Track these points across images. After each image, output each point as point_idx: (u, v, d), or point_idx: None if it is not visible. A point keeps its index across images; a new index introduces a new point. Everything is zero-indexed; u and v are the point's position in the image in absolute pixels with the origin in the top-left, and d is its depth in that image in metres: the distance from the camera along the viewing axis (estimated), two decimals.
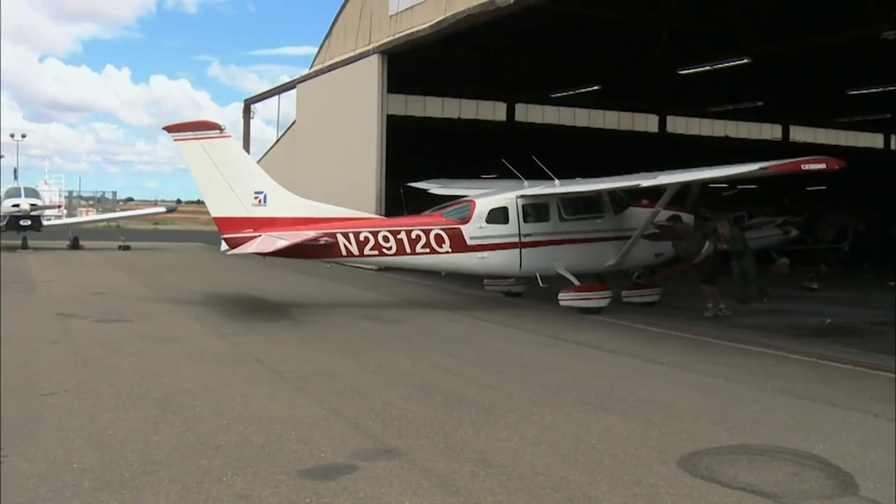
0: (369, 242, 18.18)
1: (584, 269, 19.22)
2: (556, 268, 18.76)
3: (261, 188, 18.64)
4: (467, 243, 18.42)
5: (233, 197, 18.46)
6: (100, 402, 9.75)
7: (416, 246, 18.27)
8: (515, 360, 12.93)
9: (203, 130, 18.47)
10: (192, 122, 18.88)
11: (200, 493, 6.78)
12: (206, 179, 18.66)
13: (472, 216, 18.58)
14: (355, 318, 16.63)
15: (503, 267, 19.00)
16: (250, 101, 44.33)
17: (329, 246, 18.07)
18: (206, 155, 18.38)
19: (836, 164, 14.40)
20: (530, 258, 18.66)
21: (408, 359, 12.80)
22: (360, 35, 31.23)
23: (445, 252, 18.34)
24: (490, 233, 18.53)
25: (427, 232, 18.33)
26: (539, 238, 18.75)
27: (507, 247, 18.60)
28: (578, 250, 18.93)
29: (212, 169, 18.45)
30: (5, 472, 7.20)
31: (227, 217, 18.57)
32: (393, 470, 7.39)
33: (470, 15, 23.74)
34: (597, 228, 19.17)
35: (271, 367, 11.96)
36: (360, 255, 18.35)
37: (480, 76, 40.60)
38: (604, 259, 19.01)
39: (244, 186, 18.52)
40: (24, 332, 14.53)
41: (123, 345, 13.56)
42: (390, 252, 18.29)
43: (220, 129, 18.55)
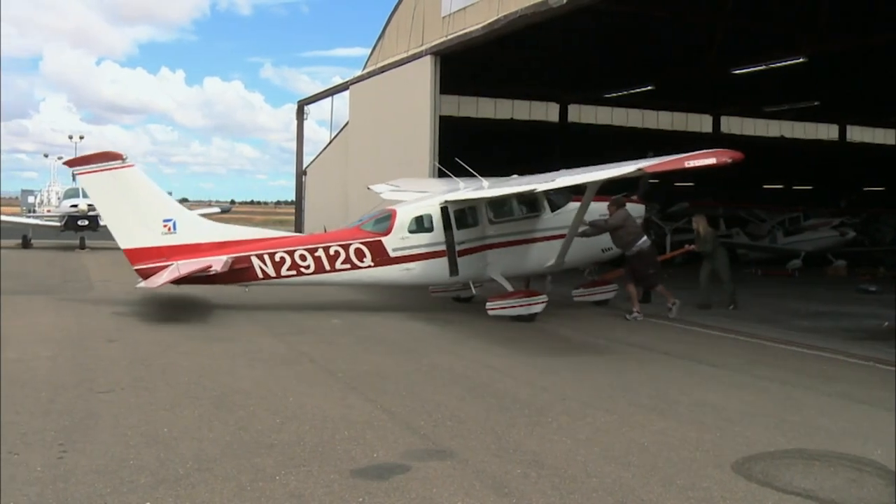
0: (286, 263, 17.56)
1: (523, 273, 18.56)
2: (491, 273, 17.90)
3: (169, 216, 18.10)
4: (390, 255, 17.63)
5: (141, 227, 17.85)
6: (155, 399, 9.89)
7: (335, 262, 17.56)
8: (568, 362, 12.88)
9: (105, 162, 17.69)
10: (93, 155, 18.20)
11: (254, 490, 6.85)
12: (113, 211, 18.09)
13: (392, 227, 17.74)
14: (407, 320, 16.65)
15: (432, 277, 18.04)
16: (304, 103, 44.49)
17: (244, 270, 17.50)
18: (110, 187, 17.78)
19: (729, 157, 13.42)
20: (461, 266, 17.74)
21: (460, 359, 12.82)
22: (412, 36, 31.27)
23: (367, 266, 17.59)
24: (414, 242, 17.71)
25: (346, 247, 17.60)
26: (468, 245, 17.79)
27: (433, 256, 17.72)
28: (513, 253, 18.04)
29: (118, 200, 17.87)
30: (66, 467, 7.33)
31: (137, 248, 17.89)
32: (445, 470, 7.40)
33: (523, 16, 23.65)
34: (532, 229, 18.17)
35: (324, 366, 12.05)
36: (278, 276, 17.62)
37: (533, 76, 40.45)
38: (543, 260, 17.96)
39: (152, 215, 17.91)
40: (82, 331, 14.78)
41: (178, 343, 13.72)
42: (309, 271, 17.56)
43: (122, 158, 17.90)
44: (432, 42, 29.02)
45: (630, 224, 17.46)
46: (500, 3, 25.08)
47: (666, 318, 17.41)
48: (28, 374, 11.25)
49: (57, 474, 7.16)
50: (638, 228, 17.64)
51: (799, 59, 30.19)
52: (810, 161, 54.04)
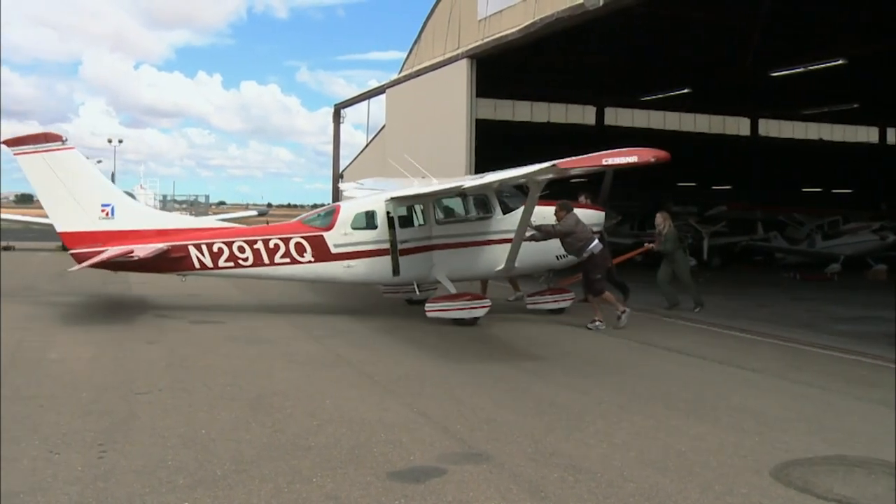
0: (223, 254, 17.38)
1: (471, 276, 18.13)
2: (436, 275, 17.44)
3: (108, 200, 17.97)
4: (331, 251, 17.37)
5: (78, 210, 17.79)
6: (194, 401, 9.97)
7: (274, 256, 17.36)
8: (606, 366, 12.84)
9: (44, 143, 17.71)
10: (33, 135, 18.06)
11: (291, 492, 6.88)
12: (50, 193, 17.99)
13: (335, 222, 17.50)
14: (444, 323, 16.65)
15: (374, 276, 17.65)
16: (340, 106, 44.65)
17: (181, 259, 17.39)
18: (48, 168, 17.69)
19: (652, 156, 12.80)
20: (404, 265, 17.37)
21: (497, 363, 12.80)
22: (448, 40, 31.31)
23: (307, 262, 17.35)
24: (356, 239, 17.42)
25: (286, 241, 17.39)
26: (413, 244, 17.42)
27: (376, 254, 17.41)
28: (461, 255, 17.49)
29: (55, 182, 17.76)
30: (105, 466, 7.41)
31: (74, 232, 17.90)
32: (482, 474, 7.40)
33: (559, 18, 23.61)
34: (481, 231, 17.53)
35: (361, 369, 12.08)
36: (215, 267, 17.47)
37: (570, 80, 40.35)
38: (493, 264, 17.25)
39: (90, 199, 17.83)
40: (122, 332, 14.92)
41: (217, 345, 13.85)
42: (247, 263, 17.39)
43: (61, 140, 17.89)
44: (468, 45, 29.05)
45: (580, 230, 16.62)
46: (536, 6, 25.06)
47: (703, 322, 17.29)
48: (69, 374, 11.40)
49: (97, 474, 7.24)
50: (589, 233, 16.73)
51: (838, 60, 29.91)
52: (849, 164, 53.54)
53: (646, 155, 12.83)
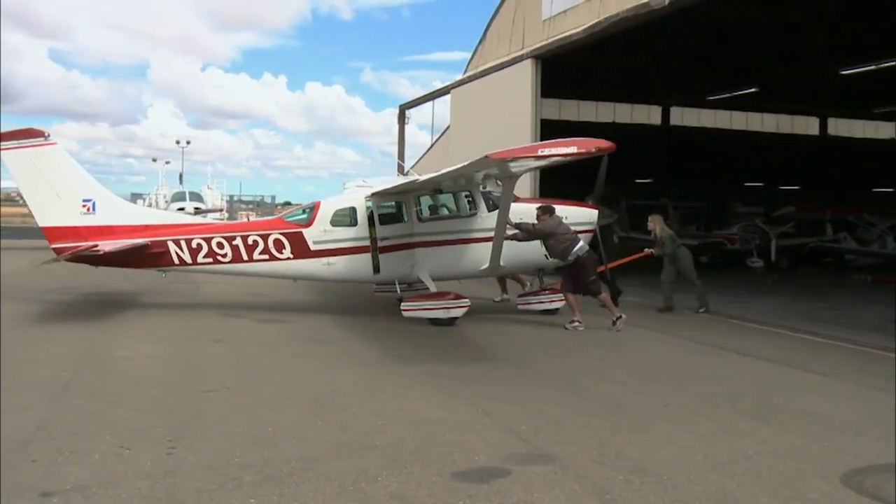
0: (202, 250, 17.39)
1: (455, 275, 17.68)
2: (418, 273, 17.09)
3: (89, 196, 18.10)
4: (310, 248, 17.24)
5: (60, 206, 17.94)
6: (260, 399, 10.07)
7: (253, 252, 17.29)
8: (671, 368, 12.72)
9: (27, 139, 17.85)
10: (16, 131, 18.11)
11: (356, 491, 6.92)
12: (33, 189, 18.14)
13: (315, 219, 17.35)
14: (508, 323, 16.61)
15: (354, 273, 17.37)
16: (405, 107, 44.81)
17: (160, 254, 17.44)
18: (31, 164, 17.86)
19: (594, 146, 12.58)
20: (385, 263, 17.10)
21: (562, 364, 12.76)
22: (513, 40, 31.27)
23: (286, 258, 17.26)
24: (336, 236, 17.25)
25: (265, 237, 17.32)
26: (394, 241, 17.14)
27: (356, 251, 17.20)
28: (444, 253, 17.15)
29: (38, 178, 17.92)
30: (174, 462, 7.53)
31: (55, 227, 18.02)
32: (546, 475, 7.38)
33: (624, 18, 23.46)
34: (465, 229, 17.20)
35: (424, 369, 12.10)
36: (194, 263, 17.50)
37: (635, 79, 40.07)
38: (477, 263, 16.86)
39: (72, 195, 17.97)
40: (189, 331, 15.14)
41: (282, 344, 13.99)
42: (226, 259, 17.38)
43: (44, 136, 18.00)
44: (533, 46, 29.00)
45: (562, 231, 16.17)
46: (600, 6, 24.93)
47: (769, 325, 17.05)
48: (137, 371, 11.60)
49: (166, 469, 7.35)
50: (573, 235, 16.21)
51: None
52: None
53: (586, 145, 12.59)
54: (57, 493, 6.73)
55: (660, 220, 19.39)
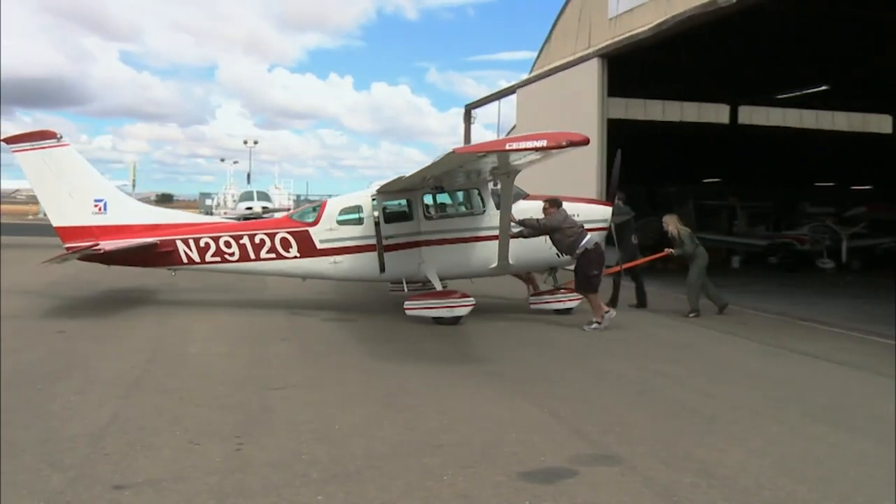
0: (210, 248, 17.56)
1: (464, 273, 17.51)
2: (425, 272, 16.95)
3: (101, 196, 18.42)
4: (317, 247, 17.29)
5: (72, 206, 18.28)
6: (326, 397, 10.15)
7: (260, 251, 17.41)
8: (739, 370, 12.56)
9: (40, 140, 18.18)
10: (30, 133, 18.52)
11: (422, 490, 6.94)
12: (46, 189, 18.49)
13: (321, 217, 17.41)
14: (574, 323, 16.53)
15: (360, 272, 17.37)
16: (471, 107, 44.75)
17: (169, 253, 17.64)
18: (44, 165, 18.21)
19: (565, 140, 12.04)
20: (391, 262, 17.07)
21: (629, 365, 12.65)
22: (579, 39, 31.11)
23: (293, 257, 17.33)
24: (342, 235, 17.26)
25: (272, 236, 17.40)
26: (400, 239, 17.08)
27: (361, 249, 17.19)
28: (452, 252, 17.03)
29: (51, 178, 18.29)
30: (242, 458, 7.63)
31: (68, 227, 18.39)
32: (613, 477, 7.34)
33: (692, 16, 23.21)
34: (473, 227, 17.05)
35: (490, 368, 12.08)
36: (202, 261, 17.67)
37: (702, 78, 39.55)
38: (486, 261, 16.75)
39: (83, 195, 18.29)
40: (257, 329, 15.30)
41: (348, 342, 14.08)
42: (233, 258, 17.53)
43: (57, 137, 18.28)
44: (599, 44, 28.82)
45: (568, 225, 15.98)
46: (668, 4, 24.70)
47: (842, 327, 16.74)
48: (207, 368, 11.76)
49: (235, 465, 7.45)
50: (579, 229, 16.01)
51: None
52: None
53: (556, 139, 12.17)
54: (129, 487, 6.85)
55: (674, 220, 18.86)
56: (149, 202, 40.10)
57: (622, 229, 18.90)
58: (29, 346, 13.12)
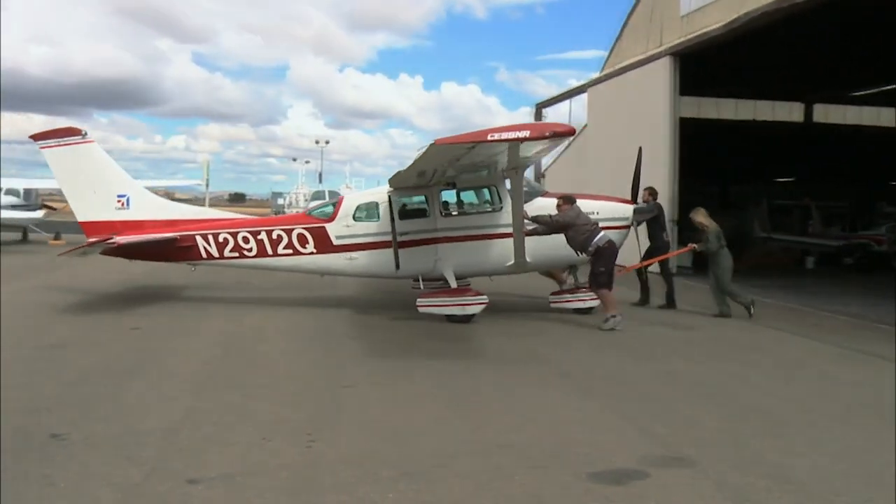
0: (228, 244, 17.69)
1: (480, 271, 17.40)
2: (442, 269, 16.82)
3: (123, 191, 18.68)
4: (333, 243, 17.26)
5: (96, 201, 18.57)
6: (396, 395, 10.19)
7: (277, 247, 17.46)
8: (813, 372, 12.36)
9: (67, 137, 18.56)
10: (56, 130, 18.86)
11: (492, 489, 6.93)
12: (71, 185, 18.82)
13: (337, 214, 17.38)
14: (646, 324, 16.39)
15: (376, 268, 17.29)
16: (541, 106, 44.60)
17: (189, 248, 17.84)
18: (70, 161, 18.56)
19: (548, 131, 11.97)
20: (407, 258, 16.89)
21: (700, 366, 12.53)
22: (650, 37, 30.86)
23: (310, 253, 17.34)
24: (358, 231, 17.21)
25: (289, 232, 17.45)
26: (416, 236, 16.92)
27: (377, 246, 17.11)
28: (468, 249, 16.83)
29: (76, 174, 18.59)
30: (313, 455, 7.70)
31: (92, 221, 18.69)
32: (684, 479, 7.26)
33: (765, 13, 22.90)
34: (491, 223, 16.84)
35: (560, 368, 12.06)
36: (220, 257, 17.82)
37: (776, 76, 38.85)
38: (503, 259, 16.52)
39: (107, 190, 18.58)
40: (325, 327, 15.44)
41: (417, 341, 14.11)
42: (251, 254, 17.62)
43: (82, 134, 18.65)
44: (670, 43, 28.58)
45: (581, 222, 15.75)
46: (740, 1, 24.38)
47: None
48: (278, 365, 11.89)
49: (306, 461, 7.52)
50: (593, 226, 15.79)
51: None
52: None
53: (539, 129, 12.05)
54: (202, 481, 6.95)
55: (704, 213, 18.30)
56: (222, 202, 40.70)
57: (653, 226, 18.86)
58: (106, 342, 13.40)
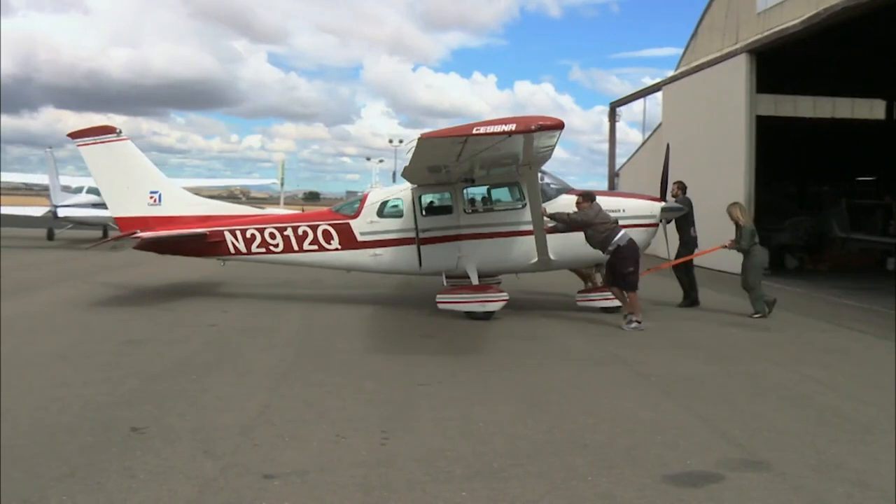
0: (256, 240, 17.98)
1: (503, 269, 17.54)
2: (465, 266, 16.85)
3: (156, 188, 19.19)
4: (357, 239, 17.43)
5: (130, 197, 19.08)
6: (470, 394, 10.18)
7: (303, 243, 17.70)
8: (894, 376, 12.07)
9: (103, 135, 19.11)
10: (93, 128, 19.37)
11: (566, 489, 6.89)
12: (107, 181, 19.44)
13: (362, 210, 17.53)
14: (721, 325, 16.19)
15: (399, 265, 17.46)
16: (616, 104, 44.29)
17: (218, 244, 18.19)
18: (105, 158, 19.11)
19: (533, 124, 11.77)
20: (430, 255, 17.02)
21: (778, 368, 12.31)
22: (726, 34, 30.42)
23: (334, 249, 17.54)
24: (382, 227, 17.35)
25: (314, 228, 17.67)
26: (439, 233, 17.01)
27: (401, 243, 17.23)
28: (492, 246, 16.87)
29: (111, 171, 19.17)
30: (387, 453, 7.74)
31: (127, 217, 19.23)
32: (761, 483, 7.14)
33: (845, 8, 22.44)
34: (515, 220, 16.81)
35: (637, 369, 11.96)
36: (248, 252, 18.13)
37: (856, 72, 38.06)
38: (527, 256, 16.61)
39: (140, 187, 19.10)
40: (400, 326, 15.54)
41: (493, 340, 14.09)
42: (277, 249, 17.90)
43: (116, 132, 19.17)
44: (747, 40, 28.15)
45: (600, 221, 15.52)
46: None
47: None
48: (353, 363, 11.95)
49: (380, 459, 7.54)
50: (613, 224, 15.58)
51: None
52: None
53: (525, 122, 11.85)
54: (277, 476, 7.02)
55: (742, 208, 17.94)
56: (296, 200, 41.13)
57: (680, 222, 18.58)
58: (184, 338, 13.65)
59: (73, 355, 12.06)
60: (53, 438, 7.93)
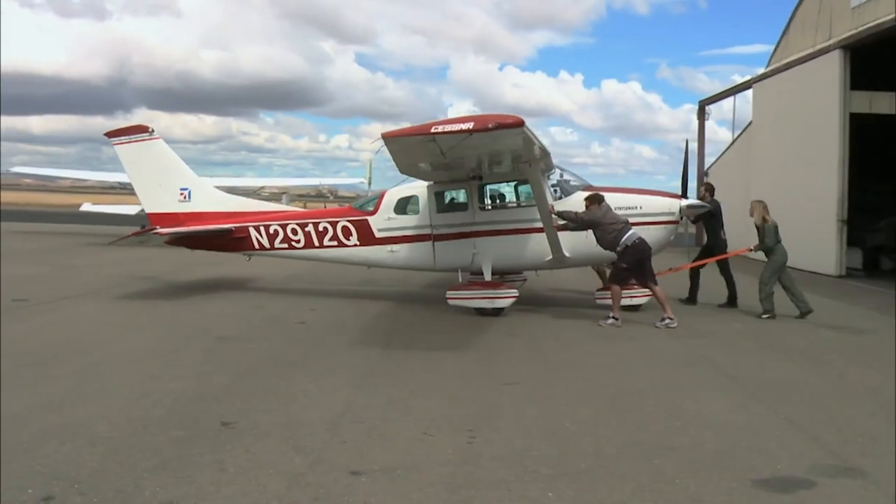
0: (279, 235, 18.45)
1: (518, 266, 17.90)
2: (480, 262, 16.99)
3: (186, 185, 19.88)
4: (375, 236, 17.73)
5: (162, 194, 19.78)
6: (555, 394, 10.14)
7: (323, 238, 18.09)
8: None
9: (137, 134, 19.79)
10: (127, 128, 20.00)
11: (652, 491, 6.81)
12: (140, 178, 20.08)
13: (379, 207, 17.79)
14: (814, 327, 15.88)
15: (415, 261, 17.66)
16: (705, 103, 43.68)
17: (243, 239, 18.75)
18: (139, 156, 19.82)
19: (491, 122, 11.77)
20: (445, 252, 17.22)
21: (872, 371, 12.03)
22: (819, 30, 29.81)
23: (353, 245, 17.89)
24: (399, 224, 17.61)
25: (334, 224, 18.05)
26: (454, 230, 17.16)
27: (417, 239, 17.45)
28: (506, 243, 16.95)
29: (144, 168, 19.86)
30: (473, 451, 7.74)
31: (158, 213, 19.94)
32: (855, 490, 6.97)
33: None
34: (529, 218, 16.75)
35: (726, 371, 11.78)
36: (271, 248, 18.63)
37: None
38: (542, 253, 16.65)
39: (171, 183, 19.78)
40: (486, 326, 15.44)
41: (578, 340, 14.03)
42: (299, 245, 18.36)
43: (149, 131, 19.84)
44: (840, 36, 27.54)
45: (609, 220, 15.47)
46: None
47: None
48: (437, 361, 12.01)
49: (466, 458, 7.55)
50: (622, 224, 15.47)
51: None
52: None
53: (483, 121, 11.83)
54: (365, 473, 7.06)
55: (762, 207, 17.40)
56: None
57: (710, 223, 18.44)
58: (272, 335, 13.87)
59: (162, 351, 12.35)
60: (145, 431, 8.10)
